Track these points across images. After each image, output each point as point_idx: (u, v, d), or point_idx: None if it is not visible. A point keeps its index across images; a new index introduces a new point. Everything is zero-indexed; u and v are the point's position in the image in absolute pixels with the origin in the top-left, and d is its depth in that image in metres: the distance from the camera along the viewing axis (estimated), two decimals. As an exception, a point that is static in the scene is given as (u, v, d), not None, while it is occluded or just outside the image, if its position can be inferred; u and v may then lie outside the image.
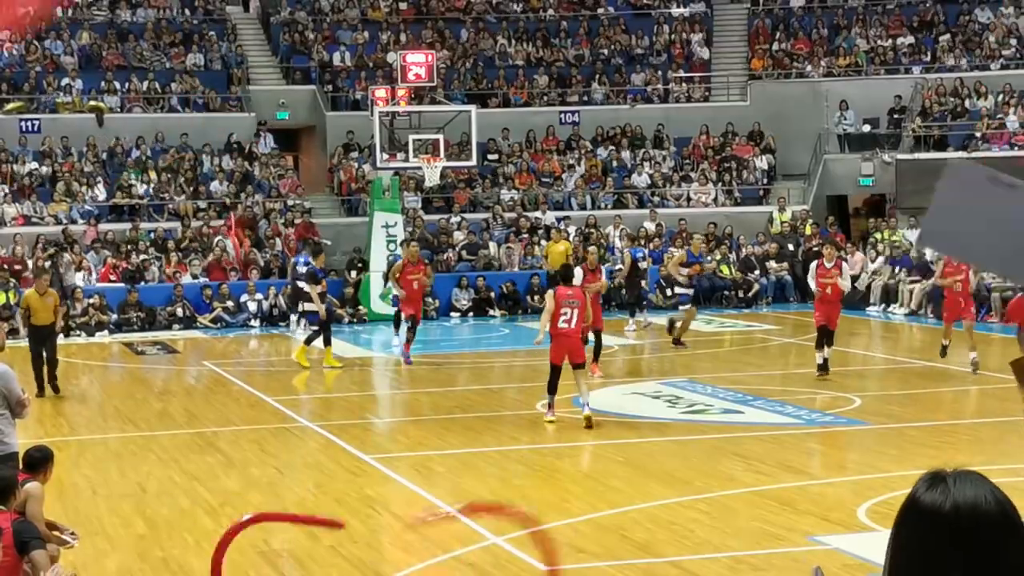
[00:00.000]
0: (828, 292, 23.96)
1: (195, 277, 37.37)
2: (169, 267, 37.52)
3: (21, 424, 17.86)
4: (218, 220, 39.87)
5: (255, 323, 36.02)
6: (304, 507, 15.28)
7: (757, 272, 39.53)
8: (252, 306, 36.19)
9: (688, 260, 29.60)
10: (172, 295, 36.32)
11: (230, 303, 36.38)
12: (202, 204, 40.54)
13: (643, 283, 34.76)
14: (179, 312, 36.01)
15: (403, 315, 27.88)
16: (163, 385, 26.85)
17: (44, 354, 24.23)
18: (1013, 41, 46.15)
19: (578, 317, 19.69)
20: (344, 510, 15.01)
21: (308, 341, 27.32)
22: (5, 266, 36.14)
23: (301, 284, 27.91)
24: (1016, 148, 41.49)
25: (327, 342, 27.21)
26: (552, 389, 19.94)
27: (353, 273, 37.66)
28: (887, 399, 22.68)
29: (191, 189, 41.02)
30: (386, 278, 32.34)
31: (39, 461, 11.19)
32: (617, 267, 36.49)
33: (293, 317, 34.01)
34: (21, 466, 11.39)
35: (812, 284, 24.43)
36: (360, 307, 36.91)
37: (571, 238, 39.26)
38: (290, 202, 41.18)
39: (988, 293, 33.98)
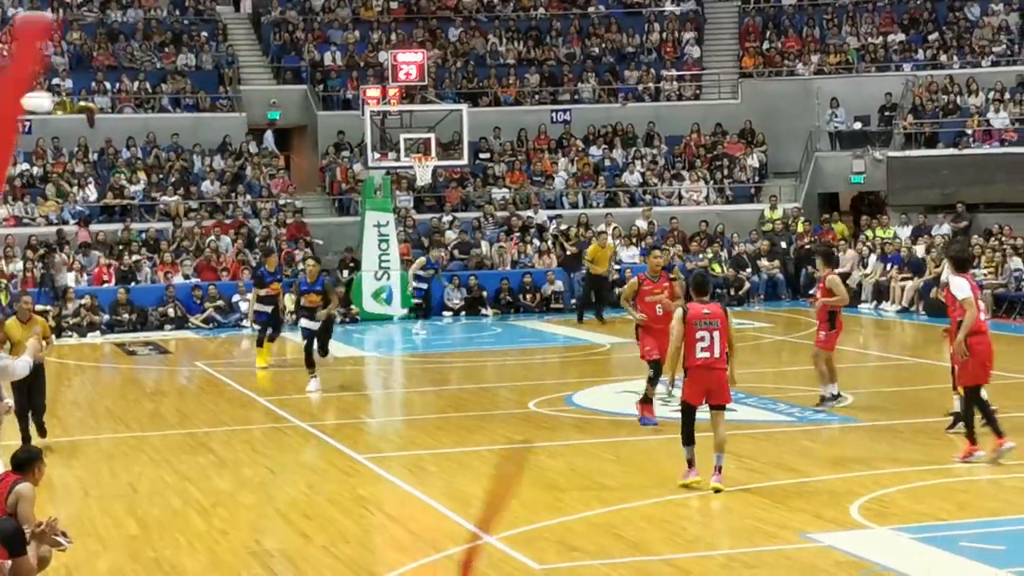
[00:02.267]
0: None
1: (187, 277, 37.35)
2: (162, 268, 37.49)
3: (14, 426, 17.89)
4: (209, 220, 39.87)
5: (247, 323, 35.92)
6: (297, 507, 15.26)
7: (749, 270, 39.55)
8: (244, 306, 36.11)
9: None
10: (164, 295, 36.29)
11: (221, 303, 36.37)
12: (193, 204, 40.52)
13: None
14: (171, 312, 35.98)
15: (640, 351, 20.37)
16: (155, 385, 26.81)
17: (30, 397, 18.68)
18: (1003, 38, 46.18)
19: (721, 342, 15.38)
20: (337, 510, 15.01)
21: (259, 342, 27.77)
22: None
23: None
24: (1006, 145, 41.53)
25: (259, 343, 27.73)
26: (688, 438, 15.33)
27: (345, 273, 37.66)
28: (879, 396, 22.69)
29: (182, 189, 41.02)
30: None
31: (25, 461, 11.15)
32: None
33: None
34: (9, 467, 11.37)
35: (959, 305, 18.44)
36: (352, 307, 36.86)
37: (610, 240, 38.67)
38: (281, 202, 41.17)
39: (980, 289, 33.96)
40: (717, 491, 14.86)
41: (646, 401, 19.41)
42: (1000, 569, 11.95)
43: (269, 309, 27.24)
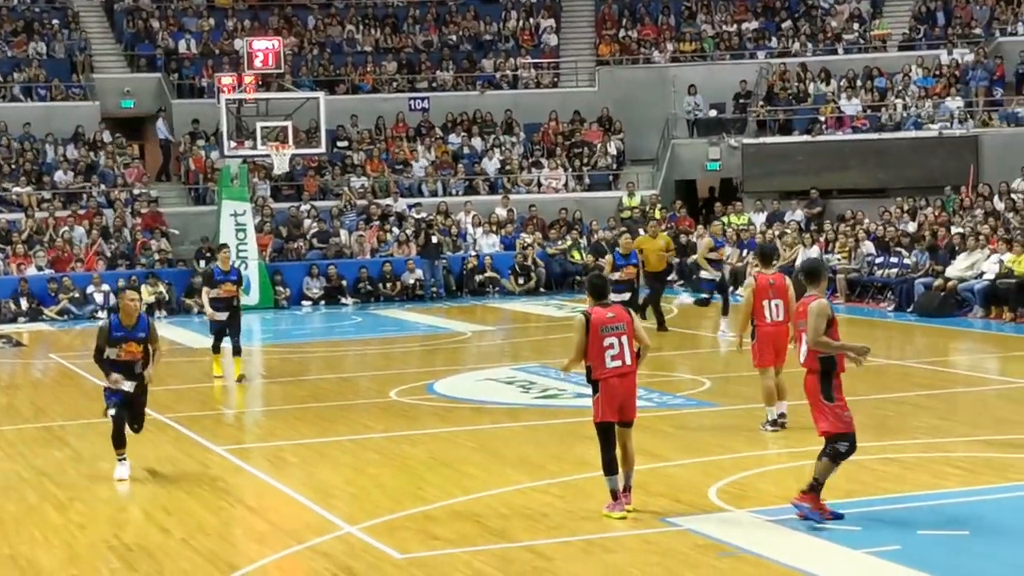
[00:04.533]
0: None
1: (40, 269, 36.76)
2: (15, 260, 36.85)
3: None
4: (63, 210, 39.28)
5: (102, 314, 35.49)
6: (155, 501, 15.09)
7: (608, 257, 39.71)
8: (99, 297, 35.70)
9: None
10: (17, 288, 35.69)
11: (76, 295, 35.86)
12: (46, 195, 39.88)
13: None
14: (24, 305, 35.40)
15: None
16: (8, 379, 26.39)
17: None
18: (856, 26, 46.90)
19: (630, 346, 13.71)
20: (196, 502, 14.87)
21: (214, 348, 24.33)
22: None
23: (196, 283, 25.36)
24: (858, 132, 42.21)
25: (214, 348, 24.34)
26: (609, 467, 13.69)
27: (202, 263, 37.33)
28: (736, 381, 22.94)
29: (34, 180, 40.39)
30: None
31: None
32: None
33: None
34: None
35: None
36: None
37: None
38: (136, 191, 40.66)
39: (833, 275, 34.51)
40: (623, 518, 13.51)
41: (811, 490, 13.30)
42: (856, 549, 12.15)
43: (224, 316, 23.58)
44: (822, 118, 42.81)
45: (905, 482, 14.72)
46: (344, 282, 37.92)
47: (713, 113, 44.95)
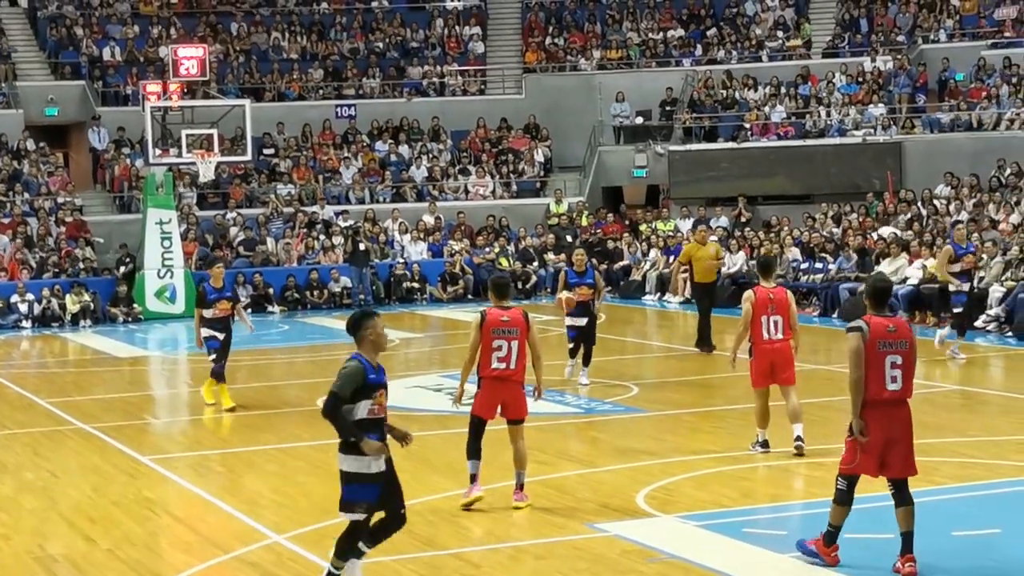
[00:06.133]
0: None
1: (-37, 278, 36.46)
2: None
3: None
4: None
5: (26, 324, 35.21)
6: (80, 511, 14.98)
7: (536, 263, 39.88)
8: (23, 307, 35.37)
9: None
10: (-61, 297, 35.38)
11: None
12: (-32, 203, 39.58)
13: None
14: (-54, 315, 35.10)
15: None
16: (-70, 390, 26.10)
17: None
18: (780, 33, 47.23)
19: (520, 352, 14.03)
20: (122, 512, 14.77)
21: (217, 375, 21.47)
22: None
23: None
24: (783, 138, 42.50)
25: (217, 376, 21.46)
26: (473, 452, 14.17)
27: (121, 269, 37.15)
28: (663, 386, 23.05)
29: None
30: None
31: None
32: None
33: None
34: None
35: None
36: (135, 305, 36.32)
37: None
38: (60, 200, 40.34)
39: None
40: (517, 509, 13.89)
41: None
42: (783, 554, 12.23)
43: (221, 336, 21.32)
44: (747, 125, 43.08)
45: (830, 486, 14.76)
46: (271, 290, 37.78)
47: (639, 120, 45.13)
